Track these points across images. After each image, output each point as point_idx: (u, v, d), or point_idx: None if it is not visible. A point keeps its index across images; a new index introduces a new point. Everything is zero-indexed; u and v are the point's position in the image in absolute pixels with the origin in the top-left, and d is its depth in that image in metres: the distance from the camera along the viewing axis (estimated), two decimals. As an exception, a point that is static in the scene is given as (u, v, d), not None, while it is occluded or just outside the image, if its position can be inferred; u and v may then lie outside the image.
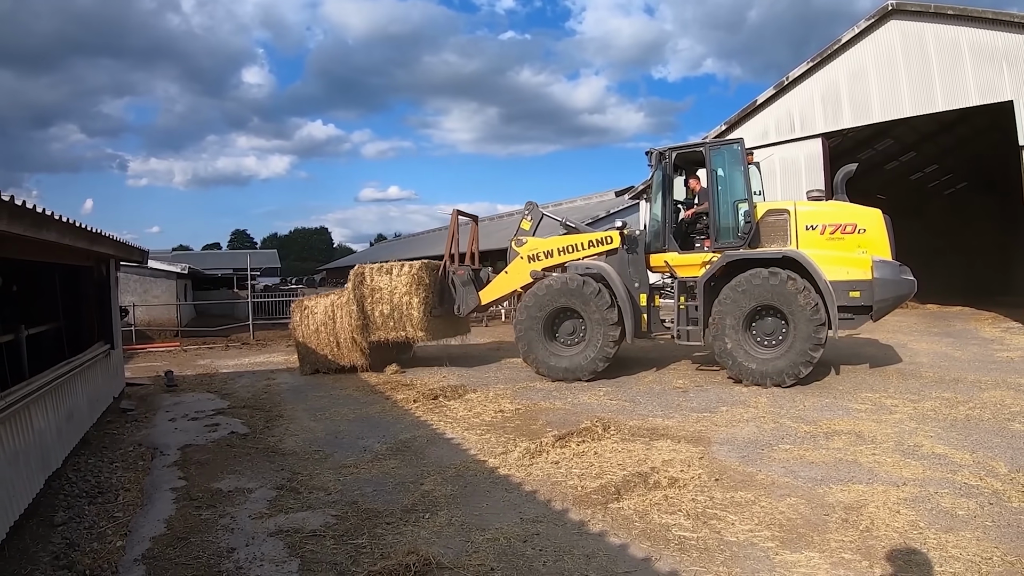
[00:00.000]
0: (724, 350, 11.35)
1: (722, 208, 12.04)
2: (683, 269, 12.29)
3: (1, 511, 5.55)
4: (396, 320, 14.07)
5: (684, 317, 12.15)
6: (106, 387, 11.15)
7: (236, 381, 14.61)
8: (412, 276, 14.07)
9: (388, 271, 14.25)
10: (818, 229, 11.41)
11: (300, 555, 5.37)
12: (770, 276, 11.07)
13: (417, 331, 14.02)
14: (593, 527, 5.66)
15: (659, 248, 12.54)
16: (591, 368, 12.28)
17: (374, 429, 9.51)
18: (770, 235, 11.70)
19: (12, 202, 5.40)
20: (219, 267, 51.14)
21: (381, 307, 14.12)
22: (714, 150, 12.21)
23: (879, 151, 29.30)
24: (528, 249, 13.71)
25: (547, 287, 12.75)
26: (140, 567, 5.31)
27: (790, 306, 10.93)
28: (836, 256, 11.23)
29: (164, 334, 25.59)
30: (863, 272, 11.03)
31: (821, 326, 10.79)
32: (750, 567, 4.79)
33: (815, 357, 10.83)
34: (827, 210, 11.63)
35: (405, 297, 13.98)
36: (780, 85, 22.82)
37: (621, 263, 12.82)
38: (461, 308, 14.51)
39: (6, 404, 5.94)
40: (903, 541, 5.06)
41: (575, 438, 8.17)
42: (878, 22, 20.54)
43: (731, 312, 11.29)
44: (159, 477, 7.76)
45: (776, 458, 7.29)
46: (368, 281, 14.27)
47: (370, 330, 14.23)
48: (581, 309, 12.44)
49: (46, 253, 7.86)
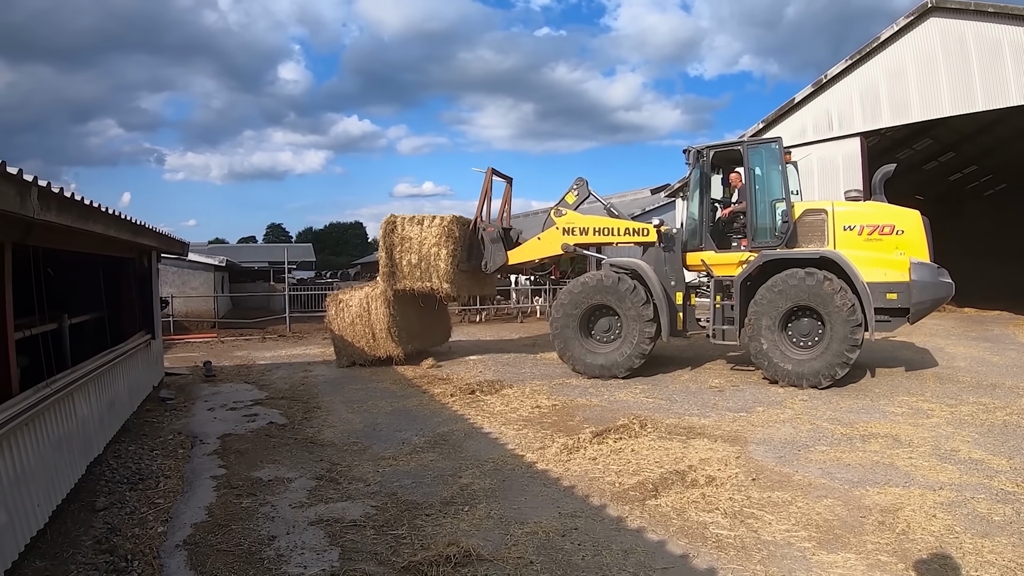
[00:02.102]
0: (760, 351, 11.30)
1: (759, 207, 11.97)
2: (719, 268, 12.25)
3: (44, 495, 5.66)
4: (423, 270, 14.20)
5: (720, 316, 12.10)
6: (146, 376, 11.32)
7: (273, 372, 14.75)
8: (442, 228, 14.16)
9: (419, 222, 14.34)
10: (856, 230, 11.33)
11: (340, 544, 5.44)
12: (806, 276, 11.00)
13: (443, 283, 14.11)
14: (631, 523, 5.70)
15: (696, 247, 12.51)
16: (627, 365, 12.29)
17: (412, 422, 9.60)
18: (807, 235, 11.64)
19: (61, 194, 5.52)
20: (255, 260, 51.59)
21: (409, 256, 14.25)
22: (752, 149, 12.14)
23: (918, 151, 29.00)
24: (565, 221, 13.76)
25: (583, 284, 12.78)
26: (182, 552, 5.41)
27: (826, 307, 10.85)
28: (874, 257, 11.13)
29: (201, 325, 25.77)
30: (901, 274, 10.94)
31: (857, 327, 10.70)
32: (787, 566, 4.81)
33: (851, 358, 10.75)
34: (865, 211, 11.54)
35: (434, 248, 14.09)
36: (818, 83, 22.69)
37: (657, 261, 12.82)
38: (488, 264, 14.59)
39: (51, 391, 6.05)
40: (939, 545, 5.05)
41: (612, 435, 8.22)
42: (917, 20, 20.35)
43: (767, 312, 11.24)
44: (199, 465, 7.88)
45: (813, 459, 7.29)
46: (399, 230, 14.38)
47: (396, 279, 14.37)
48: (617, 306, 12.46)
49: (91, 244, 8.00)
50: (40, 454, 5.64)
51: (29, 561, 5.08)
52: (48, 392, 5.99)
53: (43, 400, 5.80)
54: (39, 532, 5.40)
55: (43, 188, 5.02)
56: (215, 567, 5.12)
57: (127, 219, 8.35)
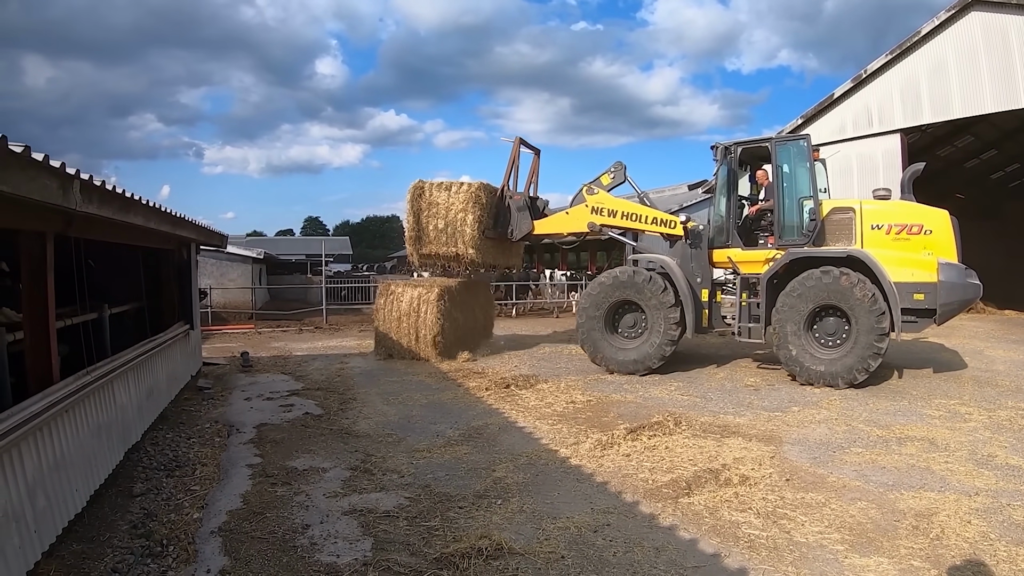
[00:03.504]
0: (789, 357, 11.28)
1: (787, 205, 11.92)
2: (746, 265, 12.21)
3: (83, 480, 5.75)
4: (449, 235, 14.39)
5: (746, 314, 12.07)
6: (184, 366, 11.42)
7: (309, 364, 14.87)
8: (470, 194, 14.34)
9: (447, 188, 14.54)
10: (884, 229, 11.26)
11: (373, 534, 5.48)
12: (823, 275, 11.04)
13: (468, 248, 14.27)
14: (663, 521, 5.68)
15: (722, 244, 12.49)
16: (649, 363, 12.32)
17: (446, 415, 9.65)
18: (835, 233, 11.59)
19: (102, 186, 5.60)
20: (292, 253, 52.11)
21: (436, 222, 14.45)
22: (780, 146, 12.03)
23: (958, 148, 28.62)
24: (596, 200, 13.79)
25: (614, 277, 12.81)
26: (216, 539, 5.48)
27: (848, 302, 10.83)
28: (901, 257, 11.06)
29: (239, 316, 26.02)
30: (928, 274, 10.85)
31: (882, 315, 10.65)
32: (819, 569, 4.77)
33: (882, 348, 10.68)
34: (893, 209, 11.45)
35: (460, 214, 14.28)
36: (858, 78, 22.45)
37: (684, 257, 12.80)
38: (514, 232, 14.69)
39: (91, 379, 6.14)
40: (973, 552, 4.99)
41: (646, 432, 8.21)
42: (958, 13, 20.06)
43: (791, 318, 11.22)
44: (235, 454, 7.98)
45: (848, 461, 7.22)
46: (426, 195, 14.60)
47: (422, 243, 14.57)
48: (642, 302, 12.49)
49: (131, 236, 8.09)
50: (79, 440, 5.73)
51: (67, 544, 5.18)
52: (88, 380, 6.08)
53: (83, 388, 5.89)
54: (77, 516, 5.49)
55: (85, 181, 5.09)
56: (249, 553, 5.18)
57: (167, 211, 8.45)
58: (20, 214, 4.72)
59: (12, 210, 4.53)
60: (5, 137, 3.72)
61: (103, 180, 5.59)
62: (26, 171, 4.15)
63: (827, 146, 19.10)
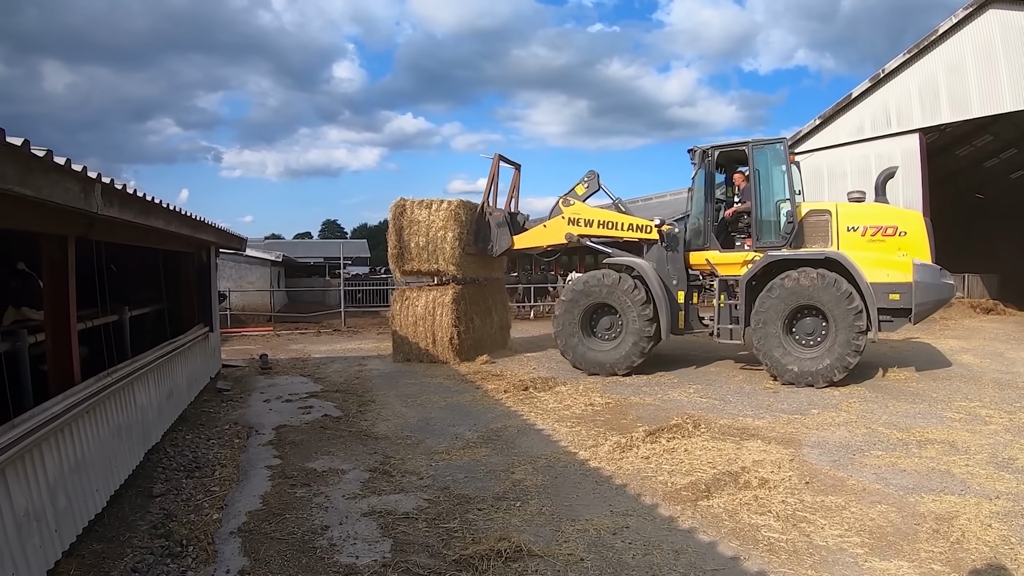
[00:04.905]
0: (770, 357, 11.46)
1: (764, 207, 12.06)
2: (724, 267, 12.36)
3: (103, 481, 5.81)
4: (430, 252, 14.68)
5: (725, 315, 12.22)
6: (204, 367, 11.52)
7: (328, 366, 14.91)
8: (449, 212, 14.59)
9: (427, 206, 14.79)
10: (859, 231, 11.46)
11: (392, 536, 5.48)
12: (800, 277, 11.24)
13: (448, 265, 14.58)
14: (682, 523, 5.65)
15: (700, 246, 12.61)
16: (625, 364, 12.45)
17: (465, 417, 9.64)
18: (811, 236, 11.76)
19: (123, 190, 5.64)
20: (310, 256, 52.18)
21: (417, 239, 14.72)
22: (758, 149, 12.11)
23: (977, 147, 28.44)
24: (572, 211, 13.95)
25: (584, 282, 13.04)
26: (236, 539, 5.49)
27: (825, 302, 11.06)
28: (876, 258, 11.26)
29: (257, 319, 26.15)
30: (903, 275, 11.03)
31: (859, 313, 10.89)
32: (839, 572, 4.74)
33: (860, 346, 10.91)
34: (868, 212, 11.66)
35: (441, 231, 14.54)
36: (876, 78, 22.35)
37: (659, 259, 12.93)
38: (494, 248, 14.94)
39: (112, 380, 6.20)
40: (993, 556, 4.92)
41: (665, 434, 8.17)
42: (976, 11, 19.96)
43: (770, 320, 11.40)
44: (254, 455, 7.99)
45: (867, 464, 7.16)
46: (408, 213, 14.85)
47: (405, 260, 14.88)
48: (617, 305, 12.64)
49: (151, 239, 8.14)
50: (100, 441, 5.79)
51: (87, 544, 5.21)
52: (109, 381, 6.14)
53: (104, 389, 5.95)
54: (97, 516, 5.55)
55: (106, 185, 5.13)
56: (268, 554, 5.19)
57: (187, 215, 8.52)
58: (43, 217, 4.77)
59: (35, 213, 4.57)
60: (28, 141, 3.76)
61: (124, 184, 5.64)
62: (49, 175, 4.19)
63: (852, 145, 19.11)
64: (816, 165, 23.30)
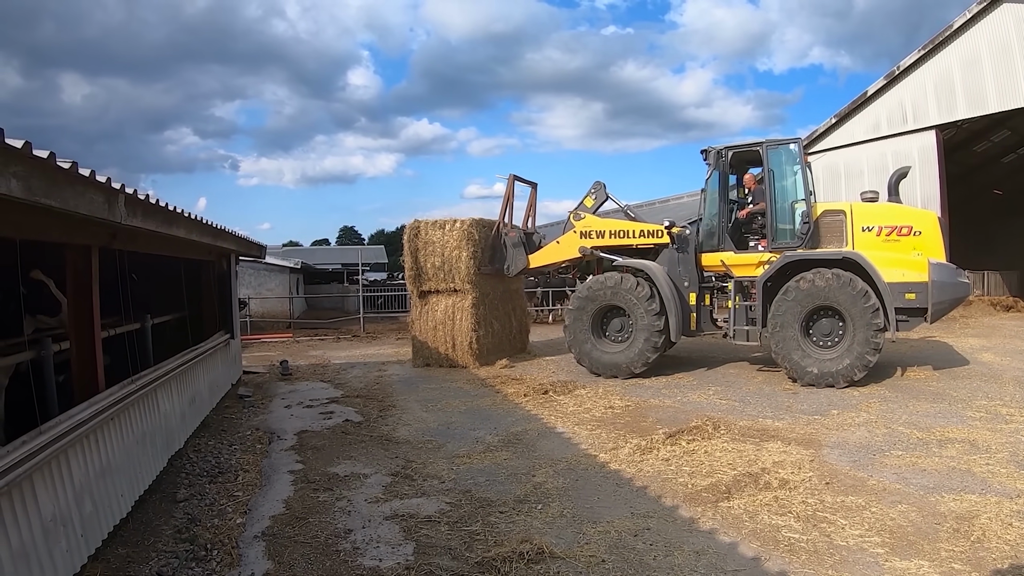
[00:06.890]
0: (788, 360, 11.41)
1: (779, 208, 12.03)
2: (739, 269, 12.33)
3: (128, 486, 5.86)
4: (446, 272, 14.85)
5: (741, 317, 12.20)
6: (225, 374, 11.60)
7: (348, 371, 14.99)
8: (463, 232, 14.71)
9: (441, 226, 14.93)
10: (874, 231, 11.42)
11: (415, 539, 5.51)
12: (815, 278, 11.20)
13: (464, 284, 14.73)
14: (703, 524, 5.66)
15: (713, 247, 12.60)
16: (640, 361, 12.43)
17: (485, 421, 9.68)
18: (827, 236, 11.73)
19: (146, 200, 5.71)
20: (328, 262, 52.32)
21: (432, 259, 14.91)
22: (771, 149, 12.07)
23: (995, 143, 28.17)
24: (584, 225, 14.01)
25: (588, 288, 13.10)
26: (260, 543, 5.55)
27: (841, 302, 11.05)
28: (892, 258, 11.21)
29: (277, 325, 26.26)
30: (919, 274, 10.99)
31: (876, 312, 10.85)
32: (859, 572, 4.73)
33: (878, 344, 10.89)
34: (883, 212, 11.62)
35: (455, 252, 14.70)
36: (891, 75, 22.19)
37: (670, 262, 12.94)
38: (510, 268, 15.00)
39: (135, 388, 6.27)
40: (1014, 555, 4.91)
41: (685, 436, 8.17)
42: (990, 6, 19.78)
43: (787, 322, 11.36)
44: (277, 460, 8.05)
45: (888, 464, 7.13)
46: (422, 235, 15.04)
47: (422, 280, 15.08)
48: (624, 304, 12.65)
49: (173, 248, 8.25)
50: (124, 447, 5.86)
51: (112, 548, 5.27)
52: (132, 388, 6.21)
53: (128, 396, 6.02)
54: (122, 521, 5.61)
55: (130, 195, 5.21)
56: (292, 558, 5.24)
57: (208, 223, 8.59)
58: (68, 228, 4.85)
59: (60, 224, 4.65)
60: (53, 154, 3.82)
61: (147, 194, 5.70)
62: (74, 186, 4.26)
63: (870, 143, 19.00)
64: (833, 164, 23.23)
